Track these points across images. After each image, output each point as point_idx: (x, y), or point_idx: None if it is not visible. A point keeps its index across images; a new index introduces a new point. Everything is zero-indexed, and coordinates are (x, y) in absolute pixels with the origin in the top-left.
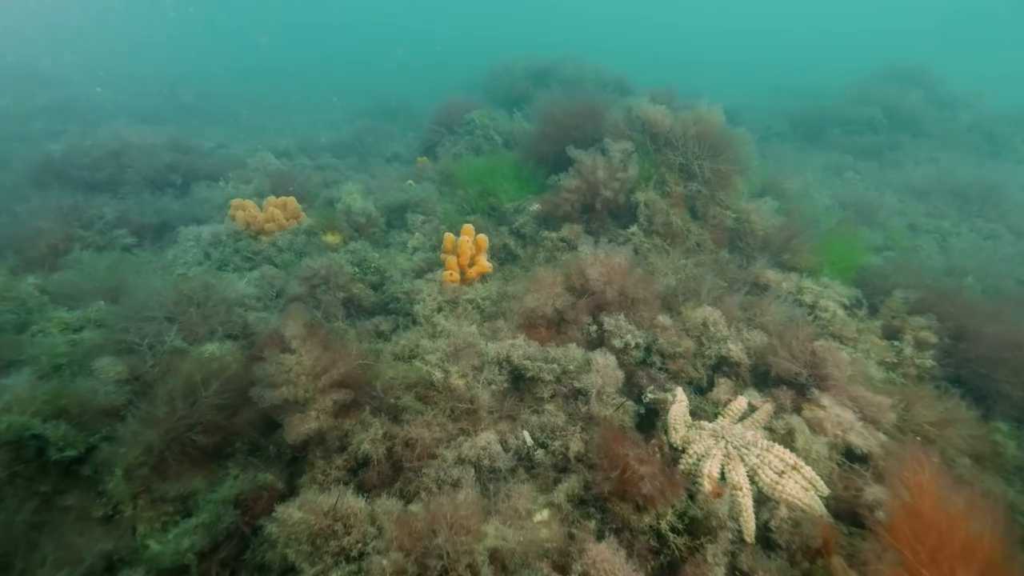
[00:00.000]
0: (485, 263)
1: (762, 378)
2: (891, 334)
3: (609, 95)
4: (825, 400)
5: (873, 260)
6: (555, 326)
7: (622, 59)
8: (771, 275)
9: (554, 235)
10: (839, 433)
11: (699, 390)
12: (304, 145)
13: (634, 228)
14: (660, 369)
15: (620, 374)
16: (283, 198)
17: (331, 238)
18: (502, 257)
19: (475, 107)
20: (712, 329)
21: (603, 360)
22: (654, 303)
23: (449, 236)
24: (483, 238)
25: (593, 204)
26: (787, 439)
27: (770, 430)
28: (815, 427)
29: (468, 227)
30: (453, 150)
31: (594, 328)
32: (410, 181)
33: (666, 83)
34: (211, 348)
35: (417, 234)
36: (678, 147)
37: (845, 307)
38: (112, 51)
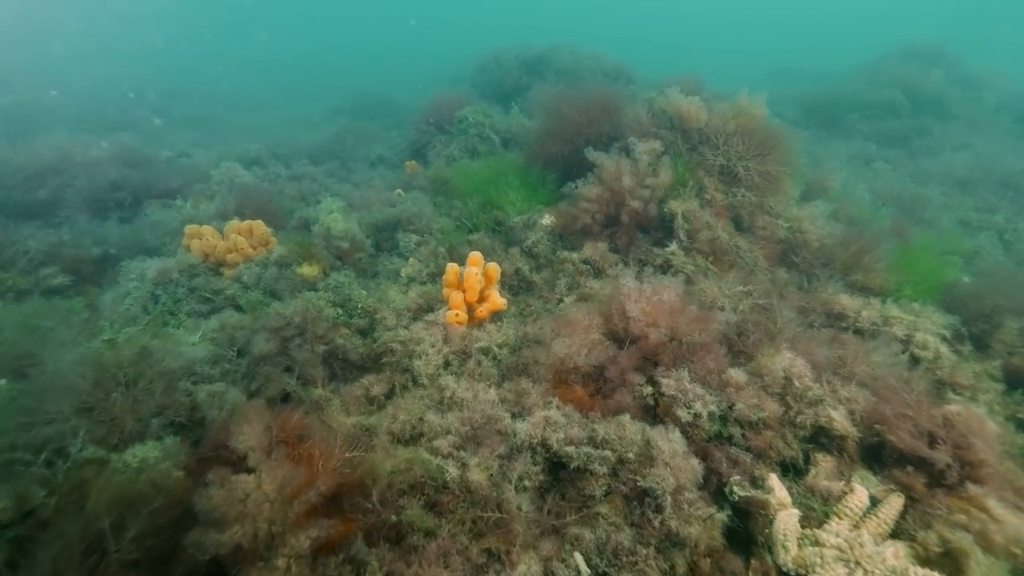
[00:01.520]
0: (498, 299)
1: (873, 452)
2: (1015, 377)
3: (623, 87)
4: (989, 500)
5: (956, 274)
6: (592, 381)
7: (607, 45)
8: (846, 301)
9: (575, 256)
10: (1020, 553)
11: (791, 468)
12: (278, 150)
13: (673, 247)
14: (742, 447)
15: (697, 465)
16: (249, 222)
17: (308, 270)
18: (514, 285)
19: (467, 103)
20: (798, 384)
21: (669, 444)
22: (717, 349)
23: (453, 268)
24: (494, 268)
25: (618, 216)
26: (946, 564)
27: (912, 544)
28: (979, 541)
29: (475, 256)
30: (445, 152)
31: (648, 390)
32: (399, 191)
33: (659, 70)
34: (140, 453)
35: (412, 260)
36: (718, 146)
37: (945, 340)
38: (77, 54)
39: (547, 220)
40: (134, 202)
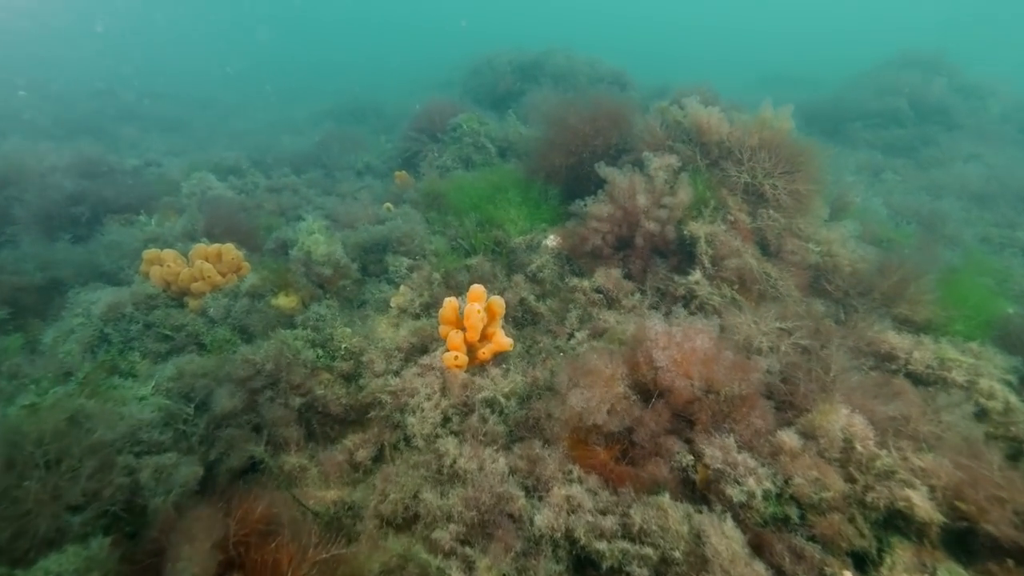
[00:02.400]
0: (503, 339)
1: (959, 539)
2: None
3: (626, 95)
4: None
5: (1003, 304)
6: (617, 442)
7: (596, 51)
8: (894, 340)
9: (586, 284)
10: None
11: (863, 558)
12: (259, 157)
13: (697, 275)
14: (804, 534)
15: (762, 571)
16: (218, 246)
17: (285, 301)
18: (518, 317)
19: (460, 110)
20: (862, 450)
21: (725, 543)
22: (761, 403)
23: (451, 303)
24: (498, 303)
25: (631, 238)
26: None
27: None
28: None
29: (477, 290)
30: (438, 162)
31: (688, 459)
32: (388, 205)
33: (653, 76)
34: (55, 567)
35: (403, 288)
36: (742, 162)
37: (1012, 387)
38: (54, 55)
39: (552, 241)
40: (92, 218)
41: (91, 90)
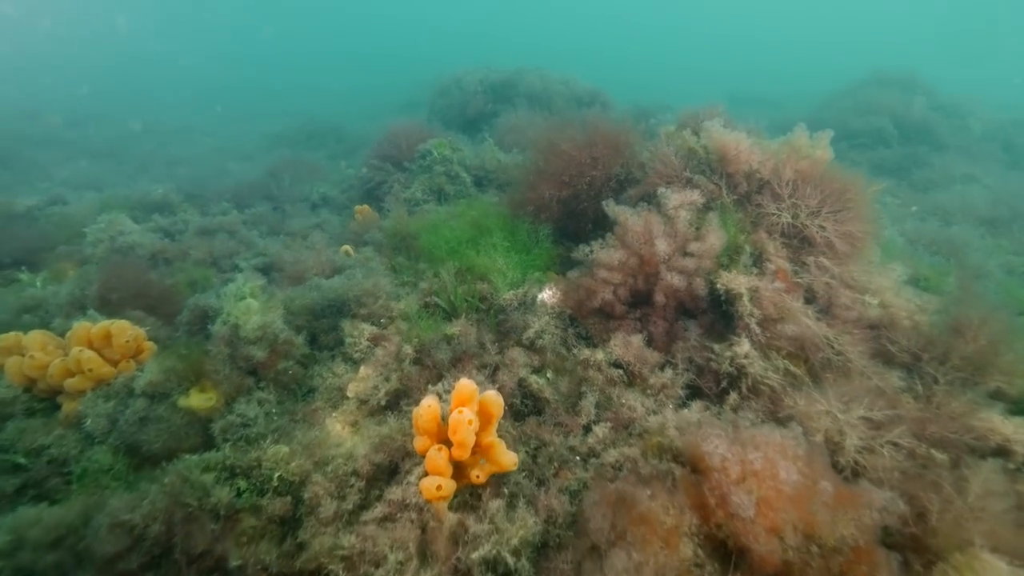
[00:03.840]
0: (504, 455)
1: None
2: None
3: (604, 114)
4: None
5: None
6: None
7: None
8: (1002, 426)
9: (600, 357)
10: None
11: None
12: (195, 189)
13: (744, 346)
14: None
15: None
16: (107, 324)
17: (198, 399)
18: (516, 404)
19: (429, 135)
20: None
21: None
22: (881, 559)
23: (430, 409)
24: (495, 402)
25: (650, 294)
26: None
27: None
28: None
29: (465, 389)
30: (406, 194)
31: None
32: (346, 248)
33: (625, 95)
34: None
35: (363, 369)
36: (781, 198)
37: None
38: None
39: (549, 296)
40: None
41: (19, 111)
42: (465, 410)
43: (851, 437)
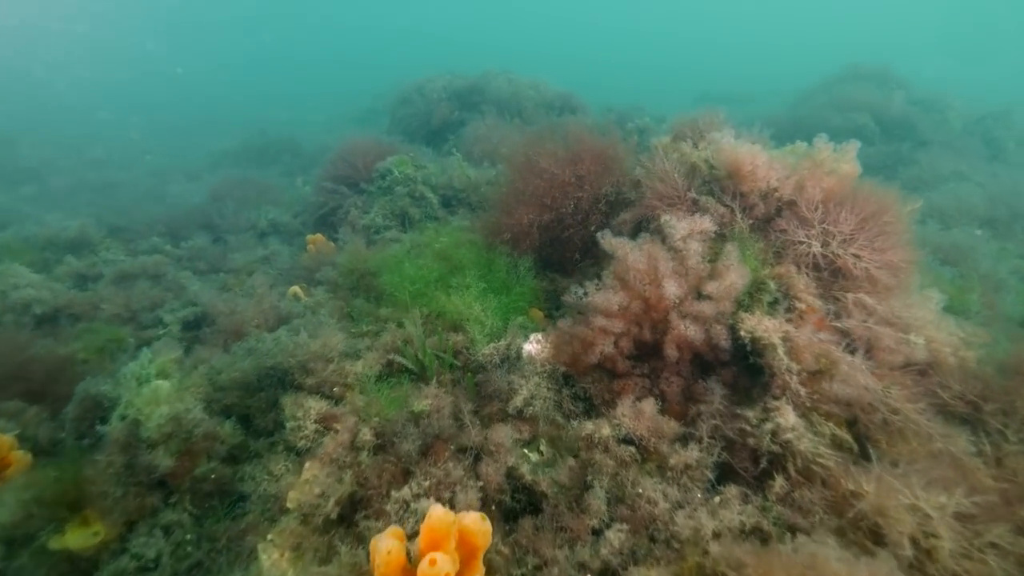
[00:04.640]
0: None
1: None
2: None
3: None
4: None
5: None
6: None
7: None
8: None
9: (606, 432)
10: None
11: None
12: (122, 221)
13: (789, 416)
14: None
15: None
16: None
17: (78, 537)
18: (505, 502)
19: (389, 151)
20: None
21: None
22: None
23: (389, 552)
24: (477, 531)
25: (659, 345)
26: None
27: None
28: None
29: (438, 519)
30: (364, 220)
31: None
32: (295, 289)
33: (596, 99)
34: None
35: (310, 464)
36: (811, 223)
37: None
38: None
39: (539, 350)
40: None
41: None
42: (439, 557)
43: (945, 539)
